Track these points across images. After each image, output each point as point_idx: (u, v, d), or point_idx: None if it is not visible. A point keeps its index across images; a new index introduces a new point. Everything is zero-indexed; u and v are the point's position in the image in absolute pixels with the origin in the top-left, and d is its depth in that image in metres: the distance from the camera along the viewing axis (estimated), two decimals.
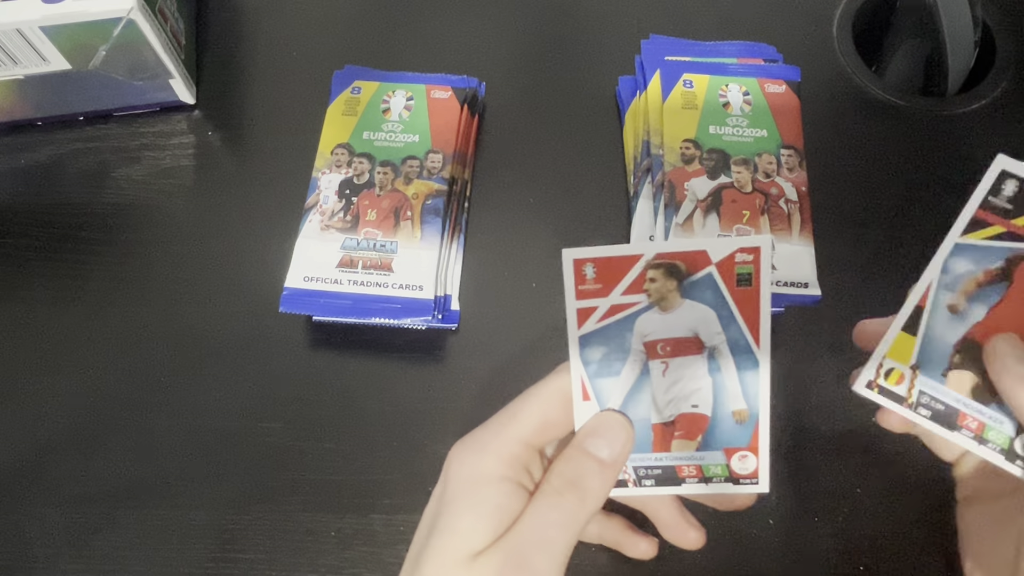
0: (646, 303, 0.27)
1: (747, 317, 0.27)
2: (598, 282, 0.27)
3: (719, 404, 0.28)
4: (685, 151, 0.47)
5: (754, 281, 0.26)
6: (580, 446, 0.28)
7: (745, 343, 0.27)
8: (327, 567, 0.41)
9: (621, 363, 0.28)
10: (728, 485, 0.30)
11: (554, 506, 0.27)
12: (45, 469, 0.43)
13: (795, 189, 0.46)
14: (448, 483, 0.28)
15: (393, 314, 0.44)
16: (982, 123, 0.52)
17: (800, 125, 0.48)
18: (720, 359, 0.28)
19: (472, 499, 0.27)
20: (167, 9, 0.51)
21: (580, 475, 0.28)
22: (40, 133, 0.53)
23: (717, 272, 0.26)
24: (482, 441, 0.28)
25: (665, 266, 0.26)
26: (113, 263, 0.49)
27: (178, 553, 0.41)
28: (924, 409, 0.29)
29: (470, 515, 0.26)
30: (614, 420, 0.28)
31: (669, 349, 0.28)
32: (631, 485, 0.30)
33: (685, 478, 0.30)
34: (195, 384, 0.45)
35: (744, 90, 0.49)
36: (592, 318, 0.27)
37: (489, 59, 0.55)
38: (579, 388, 0.28)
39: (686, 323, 0.27)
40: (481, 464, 0.27)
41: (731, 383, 0.28)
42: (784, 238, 0.45)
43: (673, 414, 0.29)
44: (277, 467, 0.43)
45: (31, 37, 0.46)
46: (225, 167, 0.52)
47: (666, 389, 0.28)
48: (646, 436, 0.29)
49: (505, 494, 0.27)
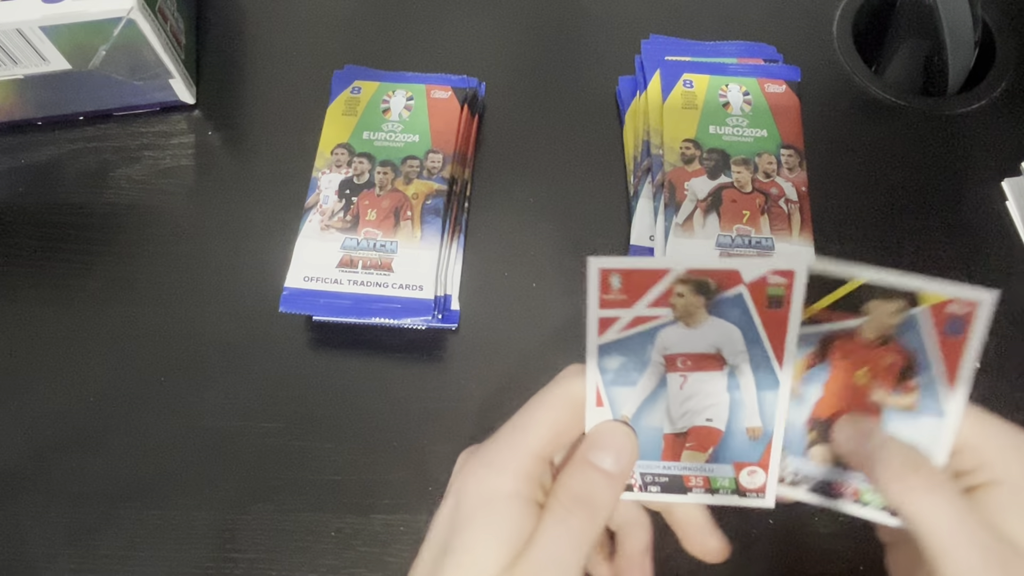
0: (670, 317, 0.27)
1: (773, 338, 0.27)
2: (623, 293, 0.26)
3: (734, 420, 0.28)
4: (685, 151, 0.47)
5: (785, 303, 0.26)
6: (585, 459, 0.28)
7: (768, 363, 0.27)
8: (327, 567, 0.41)
9: (639, 373, 0.28)
10: (734, 498, 0.29)
11: (565, 525, 0.26)
12: (45, 469, 0.43)
13: (795, 189, 0.46)
14: (461, 501, 0.27)
15: (393, 314, 0.44)
16: (982, 123, 0.52)
17: (800, 125, 0.48)
18: (740, 377, 0.27)
19: (488, 520, 0.26)
20: (167, 9, 0.51)
21: (588, 490, 0.27)
22: (40, 133, 0.53)
23: (748, 292, 0.26)
24: (495, 457, 0.27)
25: (694, 282, 0.26)
26: (113, 263, 0.49)
27: (178, 553, 0.41)
28: (803, 484, 0.29)
29: (486, 537, 0.26)
30: (618, 430, 0.28)
31: (690, 363, 0.27)
32: (636, 490, 0.30)
33: (692, 488, 0.29)
34: (195, 384, 0.45)
35: (744, 90, 0.49)
36: (613, 328, 0.27)
37: (489, 59, 0.55)
38: (593, 394, 0.28)
39: (709, 339, 0.27)
40: (496, 482, 0.27)
41: (749, 400, 0.28)
42: (784, 238, 0.45)
43: (686, 426, 0.28)
44: (277, 467, 0.43)
45: (31, 37, 0.46)
46: (225, 167, 0.52)
47: (682, 402, 0.28)
48: (656, 444, 0.29)
49: (521, 513, 0.26)
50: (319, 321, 0.46)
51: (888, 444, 0.27)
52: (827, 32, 0.55)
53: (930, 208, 0.49)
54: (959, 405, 0.27)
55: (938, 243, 0.48)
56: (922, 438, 0.27)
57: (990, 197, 0.49)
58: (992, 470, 0.27)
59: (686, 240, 0.44)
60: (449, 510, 0.27)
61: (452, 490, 0.28)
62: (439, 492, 0.29)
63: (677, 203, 0.45)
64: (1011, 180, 0.49)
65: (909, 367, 0.27)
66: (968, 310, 0.26)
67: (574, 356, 0.45)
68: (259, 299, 0.46)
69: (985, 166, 0.50)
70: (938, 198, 0.49)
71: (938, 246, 0.48)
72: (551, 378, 0.30)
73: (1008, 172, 0.50)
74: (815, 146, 0.49)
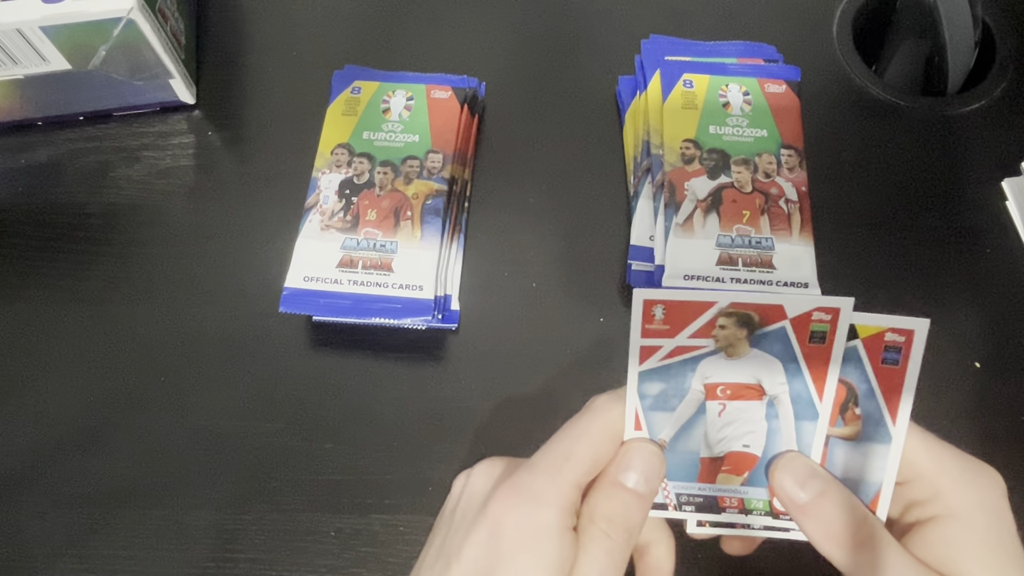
0: (712, 348, 0.27)
1: (814, 373, 0.27)
2: (666, 323, 0.27)
3: (770, 446, 0.28)
4: (685, 151, 0.47)
5: (828, 339, 0.26)
6: (616, 482, 0.28)
7: (808, 396, 0.27)
8: (327, 567, 0.41)
9: (678, 400, 0.28)
10: (768, 519, 0.30)
11: (605, 549, 0.27)
12: (45, 469, 0.43)
13: (795, 189, 0.46)
14: (504, 534, 0.26)
15: (393, 314, 0.44)
16: (982, 123, 0.52)
17: (800, 125, 0.48)
18: (779, 407, 0.28)
19: (535, 555, 0.26)
20: (167, 9, 0.51)
21: (623, 513, 0.27)
22: (40, 133, 0.53)
23: (791, 327, 0.26)
24: (537, 489, 0.27)
25: (738, 315, 0.26)
26: (113, 263, 0.49)
27: (178, 553, 0.41)
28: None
29: (536, 571, 0.26)
30: (645, 449, 0.28)
31: (729, 393, 0.28)
32: (671, 509, 0.30)
33: (726, 508, 0.30)
34: (195, 384, 0.45)
35: (744, 90, 0.49)
36: (655, 356, 0.27)
37: (489, 59, 0.55)
38: (632, 418, 0.28)
39: (751, 371, 0.27)
40: (540, 515, 0.26)
41: (787, 430, 0.28)
42: (784, 238, 0.45)
43: (723, 451, 0.29)
44: (277, 467, 0.43)
45: (31, 37, 0.46)
46: (225, 167, 0.52)
47: (720, 428, 0.28)
48: (692, 467, 0.29)
49: (565, 544, 0.26)
50: (319, 321, 0.46)
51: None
52: (827, 32, 0.55)
53: (930, 208, 0.49)
54: (902, 432, 0.27)
55: (938, 243, 0.48)
56: (867, 467, 0.28)
57: (990, 197, 0.49)
58: (945, 502, 0.27)
59: (686, 240, 0.44)
60: (483, 538, 0.27)
61: (487, 520, 0.27)
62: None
63: (677, 203, 0.45)
64: (1011, 180, 0.49)
65: (850, 398, 0.27)
66: (904, 339, 0.26)
67: (574, 356, 0.45)
68: (259, 299, 0.46)
69: (985, 166, 0.50)
70: (938, 198, 0.49)
71: (938, 246, 0.48)
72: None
73: (1008, 172, 0.50)
74: (815, 146, 0.49)
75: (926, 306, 0.46)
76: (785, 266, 0.44)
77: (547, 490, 0.27)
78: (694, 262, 0.44)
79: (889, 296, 0.46)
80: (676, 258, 0.44)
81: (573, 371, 0.45)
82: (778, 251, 0.44)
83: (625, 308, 0.46)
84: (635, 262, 0.46)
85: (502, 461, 0.30)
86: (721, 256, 0.44)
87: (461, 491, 0.30)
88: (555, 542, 0.26)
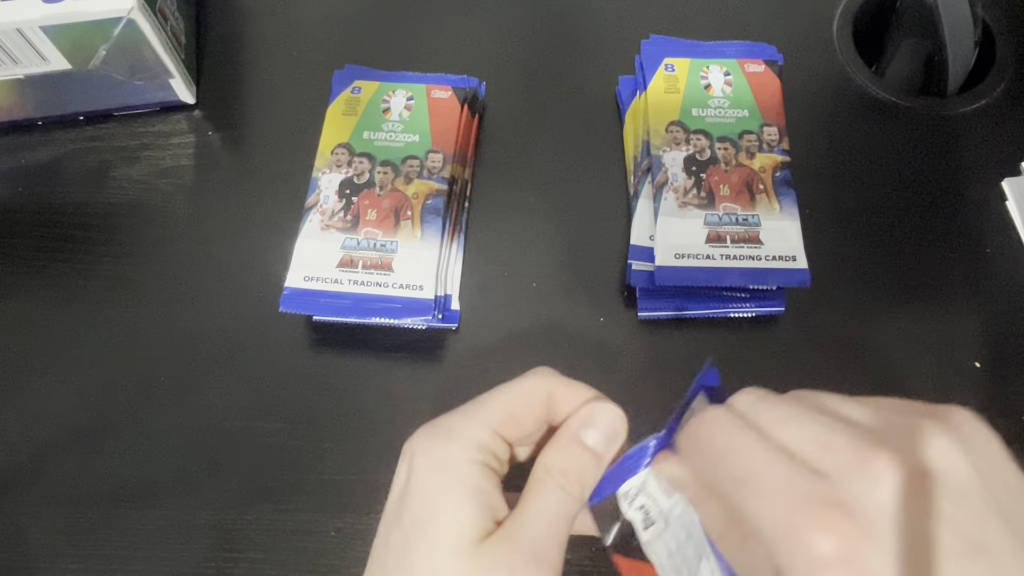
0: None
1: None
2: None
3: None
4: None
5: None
6: (576, 437, 0.28)
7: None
8: (327, 567, 0.41)
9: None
10: None
11: (558, 499, 0.26)
12: (45, 469, 0.43)
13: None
14: (416, 471, 0.27)
15: (393, 314, 0.44)
16: (982, 123, 0.52)
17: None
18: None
19: (449, 483, 0.26)
20: (167, 9, 0.51)
21: (579, 469, 0.27)
22: (40, 133, 0.53)
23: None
24: (448, 427, 0.28)
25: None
26: (113, 263, 0.49)
27: (178, 553, 0.41)
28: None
29: (453, 500, 0.26)
30: (609, 411, 0.28)
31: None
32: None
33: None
34: (195, 384, 0.45)
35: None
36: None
37: (489, 59, 0.55)
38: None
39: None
40: (451, 448, 0.27)
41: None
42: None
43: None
44: (277, 467, 0.43)
45: (31, 37, 0.46)
46: (225, 167, 0.52)
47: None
48: None
49: (479, 475, 0.26)
50: (319, 321, 0.46)
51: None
52: (827, 32, 0.55)
53: (930, 208, 0.49)
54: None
55: (938, 243, 0.48)
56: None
57: (990, 197, 0.49)
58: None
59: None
60: (400, 484, 0.27)
61: (404, 460, 0.27)
62: None
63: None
64: (1011, 180, 0.49)
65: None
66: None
67: (574, 356, 0.45)
68: (259, 299, 0.46)
69: (985, 166, 0.50)
70: (938, 198, 0.49)
71: (938, 246, 0.48)
72: None
73: (1008, 172, 0.50)
74: (815, 146, 0.49)
75: (926, 306, 0.46)
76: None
77: (458, 427, 0.27)
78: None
79: (889, 296, 0.46)
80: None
81: (573, 371, 0.45)
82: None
83: (625, 308, 0.46)
84: (635, 262, 0.46)
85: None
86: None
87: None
88: (464, 469, 0.26)
